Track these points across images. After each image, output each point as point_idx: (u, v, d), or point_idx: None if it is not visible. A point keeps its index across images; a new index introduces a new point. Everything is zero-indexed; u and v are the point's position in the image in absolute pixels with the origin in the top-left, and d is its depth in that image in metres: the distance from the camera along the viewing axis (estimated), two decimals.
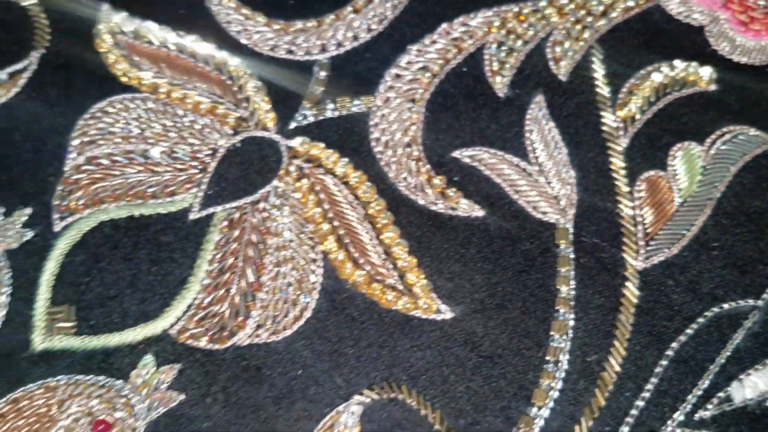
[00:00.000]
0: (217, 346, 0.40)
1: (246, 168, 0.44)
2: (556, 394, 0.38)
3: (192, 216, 0.42)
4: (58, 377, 0.39)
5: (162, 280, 0.41)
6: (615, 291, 0.40)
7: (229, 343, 0.40)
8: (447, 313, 0.40)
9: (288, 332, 0.40)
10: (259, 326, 0.40)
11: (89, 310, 0.40)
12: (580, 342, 0.39)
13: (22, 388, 0.39)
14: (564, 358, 0.38)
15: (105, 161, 0.43)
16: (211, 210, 0.43)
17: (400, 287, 0.40)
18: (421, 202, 0.42)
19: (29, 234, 0.42)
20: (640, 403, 0.37)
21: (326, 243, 0.41)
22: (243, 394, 0.39)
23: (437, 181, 0.43)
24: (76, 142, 0.44)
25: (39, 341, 0.40)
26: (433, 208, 0.42)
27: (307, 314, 0.40)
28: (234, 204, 0.43)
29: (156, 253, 0.42)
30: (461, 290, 0.40)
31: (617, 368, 0.38)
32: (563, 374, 0.38)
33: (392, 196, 0.43)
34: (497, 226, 0.41)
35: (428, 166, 0.43)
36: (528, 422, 0.37)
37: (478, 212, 0.42)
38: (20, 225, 0.42)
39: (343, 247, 0.41)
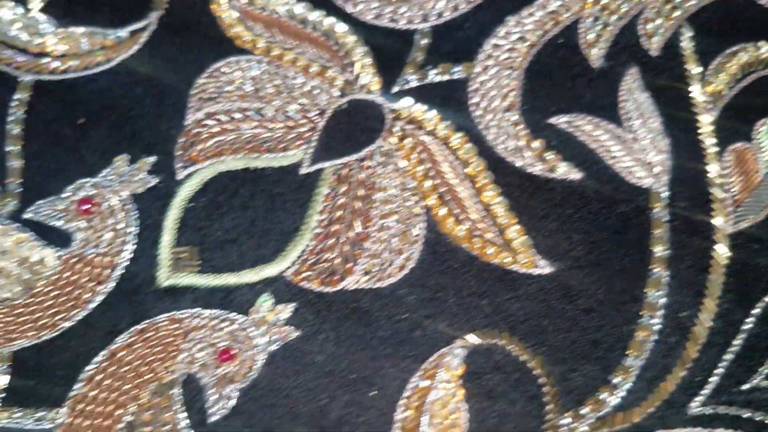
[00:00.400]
0: (328, 289, 0.43)
1: (352, 128, 0.46)
2: (651, 346, 0.40)
3: (303, 170, 0.45)
4: (183, 311, 0.42)
5: (276, 228, 0.44)
6: (705, 252, 0.42)
7: (339, 287, 0.43)
8: (546, 268, 0.42)
9: (393, 279, 0.43)
10: (366, 273, 0.43)
11: (211, 251, 0.44)
12: (674, 299, 0.41)
13: (148, 320, 0.42)
14: (658, 314, 0.41)
15: (223, 117, 0.46)
16: (320, 165, 0.45)
17: (500, 242, 0.43)
18: (519, 164, 0.45)
19: (154, 180, 0.45)
20: (729, 356, 0.40)
21: (429, 199, 0.44)
22: (352, 333, 0.42)
23: (536, 144, 0.45)
24: (195, 98, 0.47)
25: (164, 278, 0.43)
26: (531, 170, 0.45)
27: (411, 264, 0.43)
28: (341, 160, 0.45)
29: (270, 203, 0.45)
30: (559, 247, 0.42)
31: (708, 324, 0.40)
32: (658, 327, 0.40)
33: (491, 157, 0.45)
34: (594, 189, 0.44)
35: (527, 131, 0.46)
36: (624, 370, 0.40)
37: (576, 175, 0.44)
38: (145, 172, 0.45)
39: (444, 203, 0.44)
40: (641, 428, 0.39)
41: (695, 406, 0.39)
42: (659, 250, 0.42)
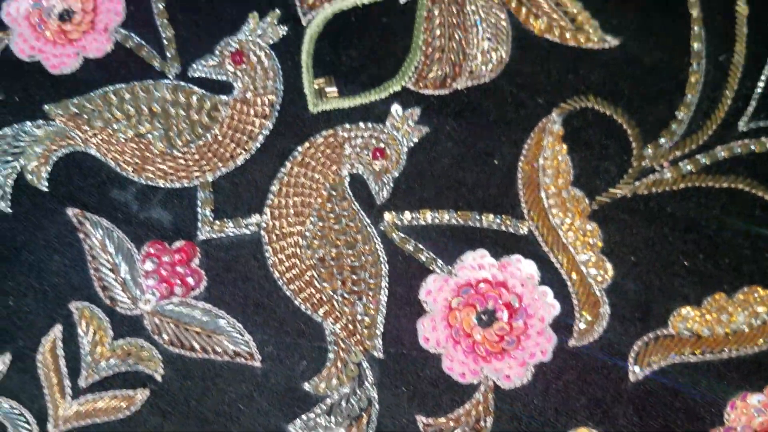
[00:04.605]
0: (443, 92, 0.54)
1: None
2: (701, 86, 0.52)
3: (401, 0, 0.55)
4: (336, 127, 0.53)
5: (392, 50, 0.54)
6: (731, 7, 0.53)
7: (452, 88, 0.54)
8: (613, 41, 0.53)
9: (494, 74, 0.54)
10: (470, 73, 0.54)
11: (345, 77, 0.54)
12: (712, 47, 0.52)
13: (311, 138, 0.53)
14: (703, 61, 0.52)
15: None
16: None
17: (573, 27, 0.54)
18: None
19: (284, 29, 0.55)
20: (761, 84, 0.52)
21: (510, 3, 0.54)
22: (470, 121, 0.53)
23: None
24: None
25: (313, 105, 0.54)
26: None
27: (506, 58, 0.54)
28: None
29: (382, 31, 0.55)
30: (618, 24, 0.53)
31: (741, 62, 0.52)
32: (704, 70, 0.52)
33: None
34: None
35: None
36: (686, 106, 0.52)
37: None
38: (275, 22, 0.55)
39: (522, 4, 0.54)
40: (707, 146, 0.51)
41: (743, 124, 0.52)
42: (696, 11, 0.53)
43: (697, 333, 0.48)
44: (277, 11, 0.55)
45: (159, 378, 0.49)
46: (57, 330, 0.50)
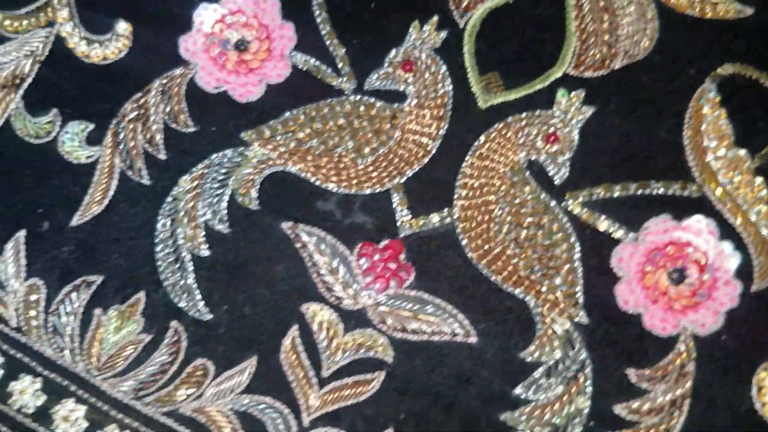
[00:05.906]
0: (602, 73, 0.58)
1: None
2: None
3: None
4: (507, 118, 0.58)
5: (545, 39, 0.59)
6: None
7: (610, 69, 0.58)
8: (747, 11, 0.57)
9: (647, 51, 0.58)
10: (625, 52, 0.58)
11: (506, 71, 0.59)
12: None
13: (485, 133, 0.58)
14: None
15: None
16: None
17: (710, 2, 0.58)
18: None
19: (444, 33, 0.59)
20: None
21: None
22: (631, 98, 0.58)
23: None
24: None
25: (483, 101, 0.59)
26: None
27: (656, 35, 0.58)
28: None
29: (536, 23, 0.59)
30: None
31: None
32: None
33: None
34: None
35: None
36: None
37: None
38: (435, 29, 0.59)
39: None
40: None
41: None
42: None
43: None
44: (435, 18, 0.59)
45: (390, 360, 0.56)
46: (294, 330, 0.56)
